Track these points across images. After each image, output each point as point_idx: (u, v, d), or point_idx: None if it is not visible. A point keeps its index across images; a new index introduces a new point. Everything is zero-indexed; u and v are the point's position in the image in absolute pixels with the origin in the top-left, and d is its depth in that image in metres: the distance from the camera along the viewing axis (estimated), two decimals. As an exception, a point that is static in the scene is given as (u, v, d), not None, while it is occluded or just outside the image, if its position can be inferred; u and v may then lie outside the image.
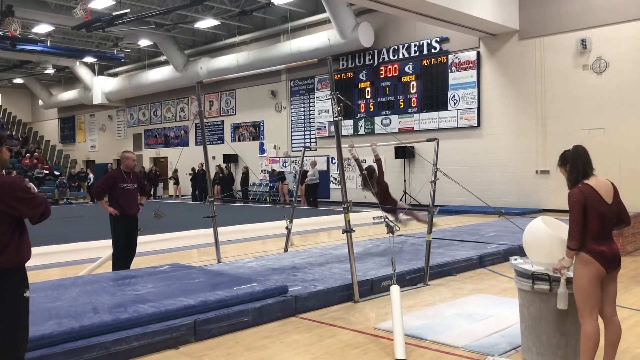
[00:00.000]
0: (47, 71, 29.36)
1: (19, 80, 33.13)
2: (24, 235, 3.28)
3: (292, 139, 22.07)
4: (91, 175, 26.17)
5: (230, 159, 23.13)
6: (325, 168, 20.54)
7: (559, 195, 12.06)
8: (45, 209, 3.28)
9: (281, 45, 20.68)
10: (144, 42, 23.85)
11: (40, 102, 34.51)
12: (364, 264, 7.14)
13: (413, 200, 16.92)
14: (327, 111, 20.08)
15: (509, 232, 9.62)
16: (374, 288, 6.27)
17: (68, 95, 31.92)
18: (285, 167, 21.88)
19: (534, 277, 3.89)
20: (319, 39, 19.21)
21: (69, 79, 32.37)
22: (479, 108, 16.68)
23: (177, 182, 24.89)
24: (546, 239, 3.82)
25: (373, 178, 7.93)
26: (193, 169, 23.49)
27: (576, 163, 3.62)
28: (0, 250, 3.12)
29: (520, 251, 7.45)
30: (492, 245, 8.83)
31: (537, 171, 15.43)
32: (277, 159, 22.48)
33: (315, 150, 19.34)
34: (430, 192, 6.92)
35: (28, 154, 29.40)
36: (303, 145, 19.24)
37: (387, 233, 5.84)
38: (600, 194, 3.53)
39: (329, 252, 8.32)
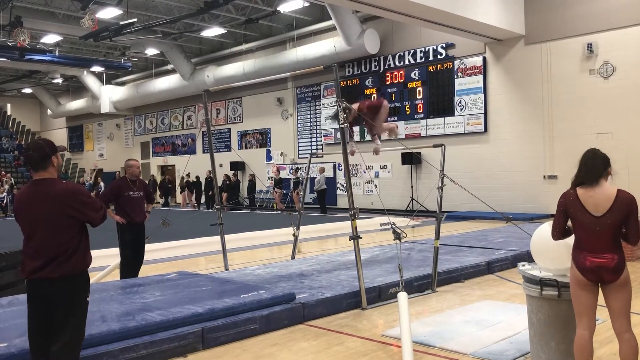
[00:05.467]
0: (55, 81, 29.57)
1: (27, 90, 33.40)
2: (88, 241, 3.38)
3: (298, 146, 22.12)
4: (102, 184, 26.30)
5: (238, 166, 23.18)
6: (332, 174, 20.54)
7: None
8: (105, 212, 3.41)
9: (287, 53, 20.76)
10: (151, 51, 24.00)
11: (49, 112, 34.75)
12: (371, 270, 7.12)
13: (420, 207, 16.87)
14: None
15: (517, 238, 9.57)
16: (381, 295, 6.25)
17: (76, 104, 32.13)
18: (291, 173, 21.92)
19: (542, 283, 3.87)
20: (324, 46, 19.26)
21: (77, 88, 32.60)
22: (485, 113, 16.64)
23: (183, 190, 24.88)
24: (554, 245, 3.80)
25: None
26: (190, 175, 23.50)
27: (580, 168, 3.58)
28: (69, 255, 3.20)
29: (528, 257, 7.39)
30: (500, 251, 8.80)
31: (544, 176, 15.33)
32: (284, 165, 22.51)
33: (322, 156, 19.35)
34: (437, 198, 6.92)
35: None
36: (310, 151, 19.22)
37: (394, 240, 5.81)
38: (584, 204, 3.47)
39: (336, 259, 8.31)
